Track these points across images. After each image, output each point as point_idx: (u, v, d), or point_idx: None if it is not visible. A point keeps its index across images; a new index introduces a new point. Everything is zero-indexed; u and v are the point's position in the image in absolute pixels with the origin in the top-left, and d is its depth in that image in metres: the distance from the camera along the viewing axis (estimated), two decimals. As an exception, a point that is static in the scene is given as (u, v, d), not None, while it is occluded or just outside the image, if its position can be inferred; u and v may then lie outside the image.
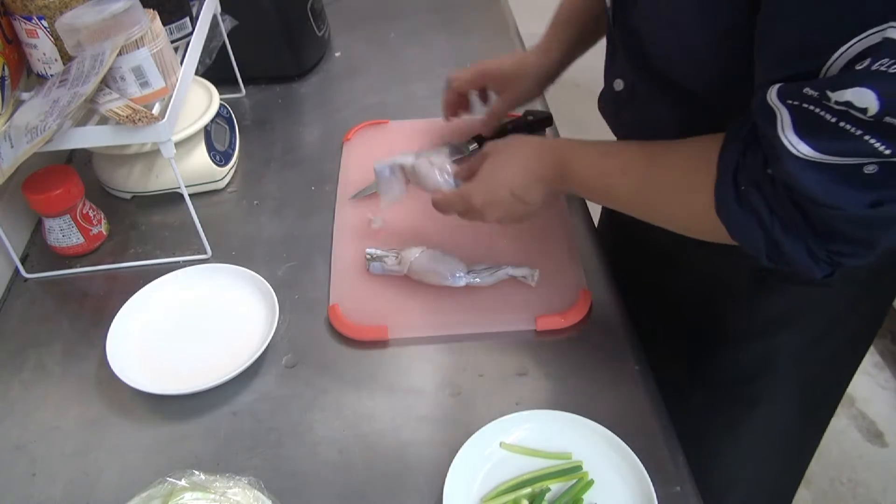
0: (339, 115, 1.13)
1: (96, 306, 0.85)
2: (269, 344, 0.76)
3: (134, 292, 0.82)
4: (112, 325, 0.78)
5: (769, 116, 0.51)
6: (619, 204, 0.71)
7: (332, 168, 1.01)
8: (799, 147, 0.50)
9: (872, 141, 0.46)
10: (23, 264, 0.89)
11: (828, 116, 0.47)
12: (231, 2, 1.06)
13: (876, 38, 0.44)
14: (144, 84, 0.78)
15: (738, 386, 0.86)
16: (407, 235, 0.88)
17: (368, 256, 0.83)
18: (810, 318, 0.78)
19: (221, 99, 1.01)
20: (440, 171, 0.81)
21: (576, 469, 0.64)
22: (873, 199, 0.50)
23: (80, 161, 1.06)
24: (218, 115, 1.00)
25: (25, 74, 0.86)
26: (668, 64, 0.66)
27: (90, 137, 0.77)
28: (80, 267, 0.90)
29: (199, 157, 0.96)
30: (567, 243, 0.87)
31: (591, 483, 0.64)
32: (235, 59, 1.13)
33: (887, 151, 0.47)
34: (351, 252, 0.87)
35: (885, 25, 0.43)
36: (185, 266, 0.86)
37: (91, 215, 0.90)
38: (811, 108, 0.48)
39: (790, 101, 0.49)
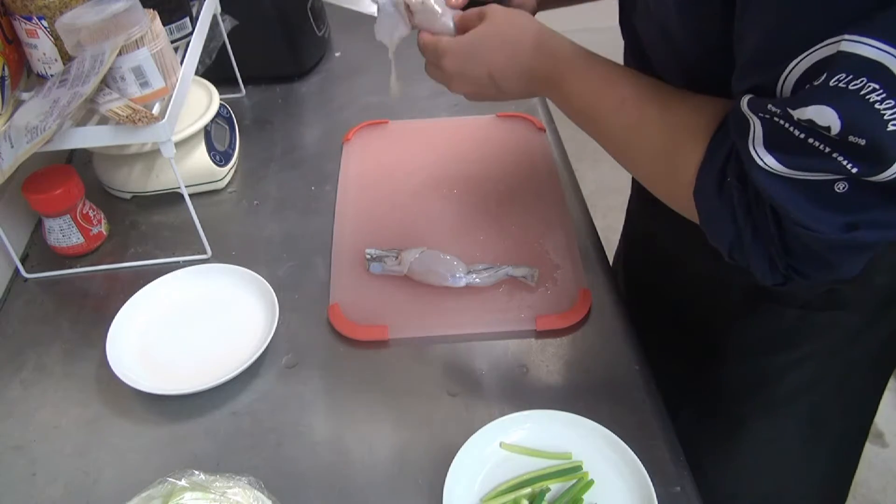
0: (339, 115, 1.13)
1: (96, 306, 0.85)
2: (269, 344, 0.76)
3: (134, 292, 0.82)
4: (112, 325, 0.78)
5: (742, 126, 0.50)
6: (600, 139, 0.66)
7: (332, 168, 1.01)
8: (766, 159, 0.48)
9: (840, 159, 0.45)
10: (23, 264, 0.89)
11: (796, 132, 0.46)
12: (231, 2, 1.06)
13: (829, 51, 0.43)
14: (144, 84, 0.78)
15: (730, 403, 0.85)
16: (407, 236, 0.88)
17: (368, 256, 0.83)
18: (807, 342, 0.76)
19: (221, 99, 1.01)
20: (444, 10, 0.73)
21: (576, 469, 0.64)
22: (848, 222, 0.48)
23: (80, 161, 1.06)
24: (218, 115, 1.00)
25: (25, 74, 0.86)
26: (663, 69, 0.66)
27: (90, 137, 0.77)
28: (80, 267, 0.90)
29: (199, 157, 0.96)
30: (567, 243, 0.87)
31: (591, 483, 0.64)
32: (235, 59, 1.13)
33: (854, 170, 0.45)
34: (351, 252, 0.87)
35: (838, 38, 0.42)
36: (185, 266, 0.86)
37: (91, 215, 0.90)
38: (780, 122, 0.47)
39: (761, 114, 0.48)
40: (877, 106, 0.42)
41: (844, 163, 0.45)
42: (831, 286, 0.71)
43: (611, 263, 0.88)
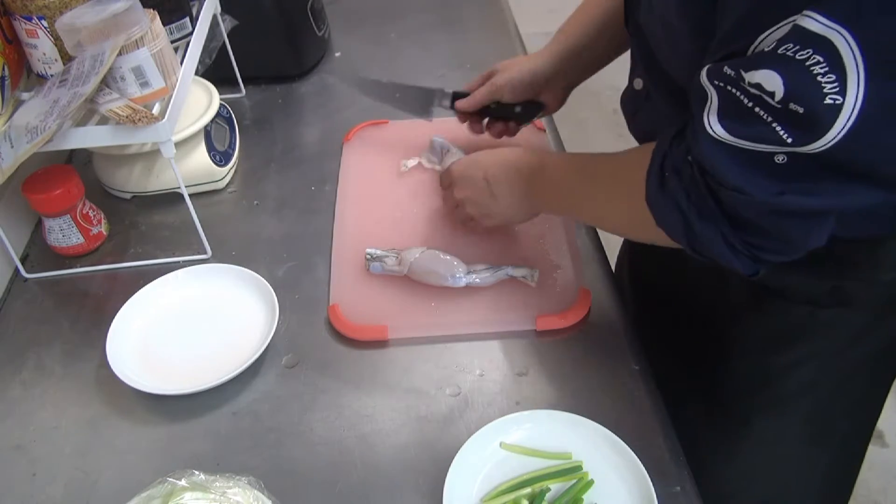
0: (339, 115, 1.13)
1: (96, 306, 0.85)
2: (269, 344, 0.76)
3: (134, 292, 0.82)
4: (112, 325, 0.78)
5: (701, 97, 0.53)
6: (576, 210, 0.77)
7: (332, 168, 1.01)
8: (715, 128, 0.51)
9: (778, 129, 0.48)
10: (23, 264, 0.89)
11: (745, 100, 0.49)
12: (231, 2, 1.06)
13: (789, 27, 0.45)
14: (144, 84, 0.78)
15: (732, 402, 0.85)
16: (407, 235, 0.88)
17: (368, 256, 0.83)
18: (812, 340, 0.76)
19: (221, 99, 1.01)
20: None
21: (576, 469, 0.64)
22: (779, 189, 0.51)
23: (80, 161, 1.06)
24: (218, 115, 1.00)
25: (25, 74, 0.86)
26: (669, 66, 0.66)
27: (90, 137, 0.77)
28: (80, 267, 0.90)
29: (199, 157, 0.96)
30: (567, 243, 0.87)
31: (591, 483, 0.64)
32: (235, 59, 1.13)
33: (789, 140, 0.48)
34: (351, 252, 0.87)
35: (798, 14, 0.45)
36: (185, 266, 0.86)
37: (91, 215, 0.90)
38: (732, 90, 0.49)
39: (717, 83, 0.51)
40: (819, 78, 0.45)
41: (781, 132, 0.48)
42: (836, 282, 0.71)
43: (615, 261, 0.88)
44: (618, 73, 0.93)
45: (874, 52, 0.43)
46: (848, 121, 0.45)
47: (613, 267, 0.90)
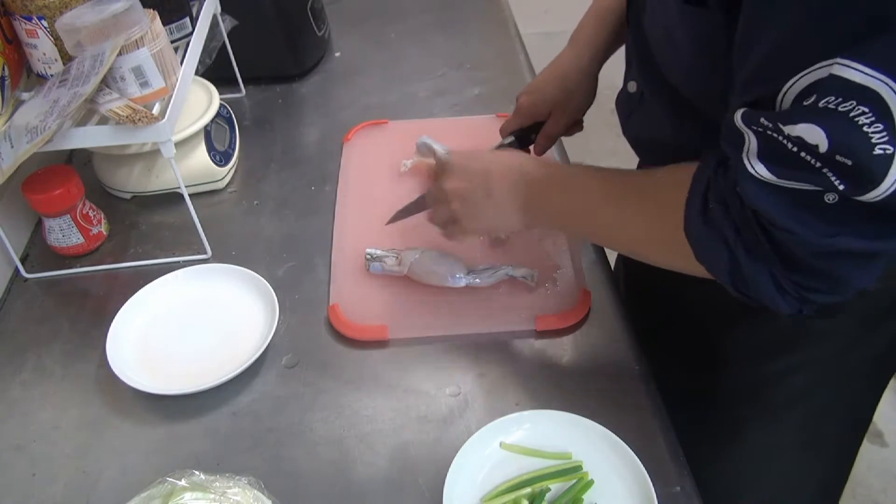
0: (339, 115, 1.13)
1: (96, 306, 0.85)
2: (269, 344, 0.76)
3: (134, 292, 0.82)
4: (112, 325, 0.78)
5: (736, 139, 0.50)
6: (591, 230, 0.71)
7: (332, 168, 1.02)
8: (757, 168, 0.49)
9: (830, 175, 0.46)
10: (23, 264, 0.89)
11: (789, 145, 0.47)
12: (231, 2, 1.06)
13: (822, 73, 0.44)
14: (144, 84, 0.78)
15: (726, 408, 0.84)
16: (407, 236, 0.88)
17: (368, 256, 0.83)
18: (805, 348, 0.76)
19: (221, 99, 1.01)
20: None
21: (576, 469, 0.64)
22: (832, 232, 0.49)
23: (80, 161, 1.06)
24: (218, 115, 1.00)
25: (25, 74, 0.86)
26: (669, 72, 0.66)
27: (90, 137, 0.77)
28: (80, 267, 0.90)
29: (199, 157, 0.96)
30: (567, 243, 0.87)
31: (591, 483, 0.64)
32: (235, 59, 1.13)
33: (842, 187, 0.46)
34: (351, 252, 0.87)
35: (831, 61, 0.43)
36: (185, 266, 0.86)
37: (91, 215, 0.90)
38: (774, 135, 0.48)
39: (754, 128, 0.49)
40: (865, 129, 0.43)
41: (833, 179, 0.46)
42: None
43: (612, 264, 0.88)
44: (616, 72, 0.93)
45: None
46: None
47: (613, 268, 0.90)
